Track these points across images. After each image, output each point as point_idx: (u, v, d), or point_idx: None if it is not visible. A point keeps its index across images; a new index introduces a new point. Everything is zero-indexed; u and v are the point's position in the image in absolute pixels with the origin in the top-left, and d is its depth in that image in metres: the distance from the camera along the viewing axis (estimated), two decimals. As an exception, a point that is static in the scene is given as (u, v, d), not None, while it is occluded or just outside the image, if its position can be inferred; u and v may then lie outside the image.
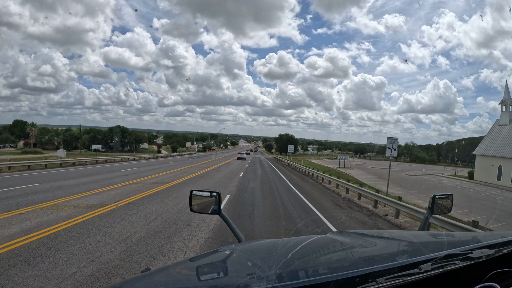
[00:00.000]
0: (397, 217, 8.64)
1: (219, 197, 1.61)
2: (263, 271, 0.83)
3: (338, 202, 11.39)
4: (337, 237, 1.27)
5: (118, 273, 3.80)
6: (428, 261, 0.82)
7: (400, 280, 0.77)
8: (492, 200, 19.27)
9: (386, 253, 1.10)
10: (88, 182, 12.30)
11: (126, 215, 6.93)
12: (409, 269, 0.80)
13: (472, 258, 0.89)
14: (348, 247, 1.15)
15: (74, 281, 3.53)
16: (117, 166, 23.01)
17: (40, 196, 8.67)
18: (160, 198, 9.38)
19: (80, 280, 3.56)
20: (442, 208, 1.74)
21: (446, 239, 1.22)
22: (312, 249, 1.15)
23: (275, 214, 8.20)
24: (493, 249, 0.94)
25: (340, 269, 0.81)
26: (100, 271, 3.84)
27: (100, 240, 5.06)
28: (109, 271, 3.84)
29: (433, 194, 1.69)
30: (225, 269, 0.98)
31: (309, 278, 0.74)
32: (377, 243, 1.24)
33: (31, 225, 5.73)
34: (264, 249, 1.19)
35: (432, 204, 1.66)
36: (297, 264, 0.93)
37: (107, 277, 3.68)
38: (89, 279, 3.60)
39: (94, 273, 3.75)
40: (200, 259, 1.09)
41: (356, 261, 0.99)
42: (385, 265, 0.80)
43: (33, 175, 14.43)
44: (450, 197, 1.78)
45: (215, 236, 5.66)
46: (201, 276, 0.91)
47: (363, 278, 0.74)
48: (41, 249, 4.49)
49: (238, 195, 10.96)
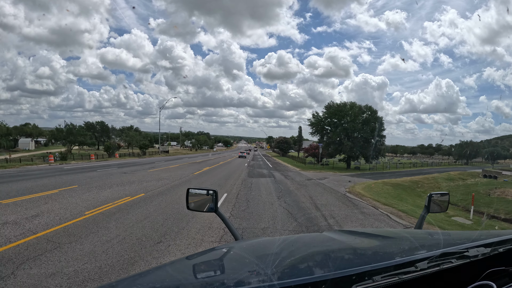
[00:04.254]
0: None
1: (215, 195, 1.60)
2: (260, 269, 0.83)
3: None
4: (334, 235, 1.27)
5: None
6: (424, 259, 0.83)
7: (397, 278, 0.77)
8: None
9: (383, 251, 1.11)
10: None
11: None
12: (406, 267, 0.80)
13: (468, 257, 0.89)
14: (345, 245, 1.15)
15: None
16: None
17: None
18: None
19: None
20: (438, 206, 1.75)
21: (443, 238, 1.23)
22: (309, 247, 1.15)
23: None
24: (489, 248, 0.94)
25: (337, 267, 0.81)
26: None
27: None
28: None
29: (429, 193, 1.71)
30: (222, 267, 0.98)
31: (305, 276, 0.74)
32: (374, 241, 1.24)
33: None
34: (261, 247, 1.19)
35: (428, 202, 1.68)
36: (294, 262, 0.93)
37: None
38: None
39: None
40: (197, 257, 1.08)
41: (352, 259, 1.00)
42: (381, 263, 0.80)
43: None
44: (446, 195, 1.79)
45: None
46: (197, 274, 0.90)
47: (360, 276, 0.74)
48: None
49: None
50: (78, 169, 19.16)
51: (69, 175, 15.31)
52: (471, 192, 14.59)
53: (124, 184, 12.52)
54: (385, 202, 11.68)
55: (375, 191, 15.34)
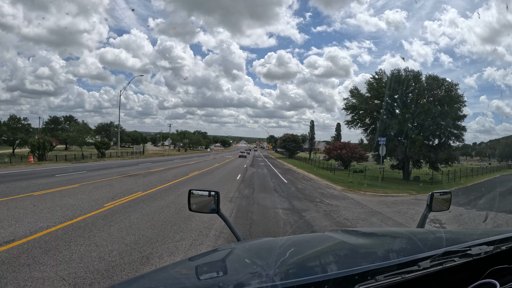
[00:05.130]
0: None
1: (217, 197, 1.60)
2: (263, 270, 0.83)
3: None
4: (336, 235, 1.27)
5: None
6: (427, 258, 0.82)
7: (399, 278, 0.77)
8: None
9: (385, 251, 1.10)
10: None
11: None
12: (408, 267, 0.80)
13: (471, 255, 0.89)
14: (347, 245, 1.15)
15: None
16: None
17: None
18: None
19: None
20: (440, 205, 1.73)
21: (445, 236, 1.22)
22: (311, 247, 1.14)
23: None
24: (492, 246, 0.94)
25: (339, 267, 0.81)
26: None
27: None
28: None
29: (431, 192, 1.69)
30: (225, 268, 0.98)
31: (308, 276, 0.74)
32: (376, 241, 1.24)
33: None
34: (263, 248, 1.19)
35: (430, 201, 1.66)
36: (296, 262, 0.93)
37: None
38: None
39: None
40: (200, 259, 1.08)
41: (355, 258, 1.00)
42: (384, 262, 0.80)
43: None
44: (449, 194, 1.78)
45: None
46: (200, 276, 0.91)
47: (362, 276, 0.74)
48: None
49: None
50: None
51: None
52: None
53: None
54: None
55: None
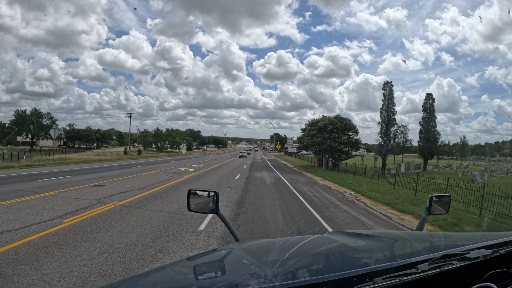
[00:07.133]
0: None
1: (216, 197, 1.60)
2: (261, 271, 0.83)
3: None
4: (335, 237, 1.27)
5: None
6: (425, 261, 0.82)
7: (397, 280, 0.77)
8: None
9: (383, 253, 1.10)
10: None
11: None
12: (407, 269, 0.79)
13: (469, 259, 0.89)
14: (346, 247, 1.15)
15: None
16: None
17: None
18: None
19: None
20: (439, 208, 1.74)
21: (444, 239, 1.22)
22: (310, 248, 1.14)
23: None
24: (490, 250, 0.94)
25: (337, 269, 0.81)
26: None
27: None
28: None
29: (430, 195, 1.70)
30: (223, 268, 0.98)
31: (306, 278, 0.74)
32: (375, 243, 1.24)
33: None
34: (261, 249, 1.19)
35: (429, 204, 1.67)
36: (295, 263, 0.93)
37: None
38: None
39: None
40: (198, 259, 1.08)
41: (353, 261, 0.99)
42: (382, 265, 0.80)
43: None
44: (447, 197, 1.78)
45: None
46: (198, 276, 0.91)
47: (360, 278, 0.74)
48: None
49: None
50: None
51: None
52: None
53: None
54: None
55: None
